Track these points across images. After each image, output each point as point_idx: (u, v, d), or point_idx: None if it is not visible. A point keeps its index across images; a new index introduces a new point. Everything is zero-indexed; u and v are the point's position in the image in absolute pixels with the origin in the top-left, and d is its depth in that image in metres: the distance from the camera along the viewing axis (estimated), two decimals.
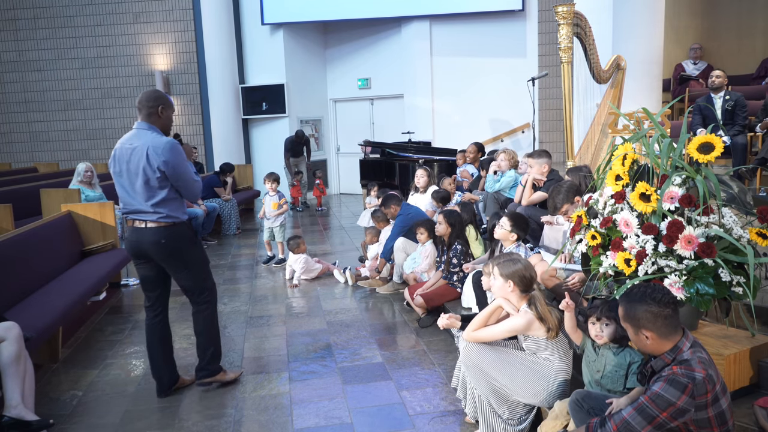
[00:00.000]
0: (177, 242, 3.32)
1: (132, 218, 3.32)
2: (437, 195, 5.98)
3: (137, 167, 3.21)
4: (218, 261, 6.92)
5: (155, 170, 3.19)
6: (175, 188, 3.30)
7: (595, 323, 2.58)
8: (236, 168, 10.14)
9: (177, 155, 3.24)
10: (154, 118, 3.31)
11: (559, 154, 8.94)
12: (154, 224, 3.27)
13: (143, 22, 11.38)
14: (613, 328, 2.53)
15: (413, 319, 4.69)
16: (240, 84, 11.68)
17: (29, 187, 7.49)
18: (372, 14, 11.13)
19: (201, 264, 3.50)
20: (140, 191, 3.24)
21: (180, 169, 3.25)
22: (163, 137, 3.28)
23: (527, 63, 10.53)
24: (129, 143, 3.27)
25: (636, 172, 2.71)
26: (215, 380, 3.59)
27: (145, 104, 3.30)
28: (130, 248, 3.38)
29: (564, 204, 4.00)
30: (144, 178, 3.20)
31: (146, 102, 3.30)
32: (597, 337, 2.58)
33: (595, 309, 2.58)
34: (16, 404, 2.92)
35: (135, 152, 3.22)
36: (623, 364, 2.51)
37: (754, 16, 9.32)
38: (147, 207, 3.25)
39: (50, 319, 3.78)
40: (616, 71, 6.91)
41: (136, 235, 3.31)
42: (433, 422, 3.10)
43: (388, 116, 11.93)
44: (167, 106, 3.35)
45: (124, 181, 3.28)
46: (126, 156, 3.24)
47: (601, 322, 2.55)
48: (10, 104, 11.69)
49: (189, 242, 3.39)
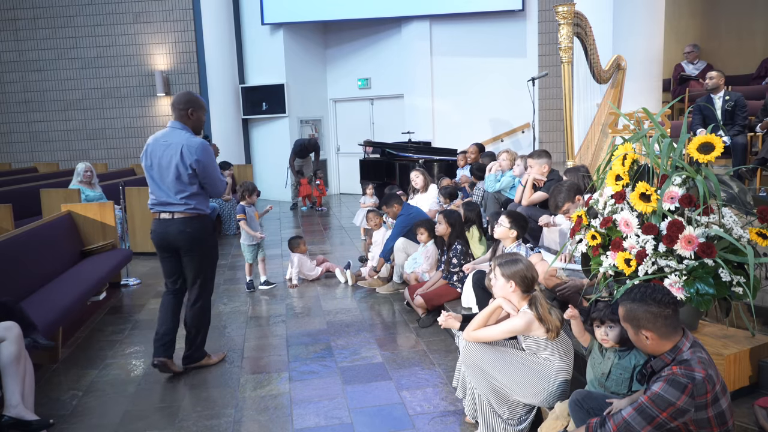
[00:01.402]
0: (200, 232, 3.61)
1: (159, 210, 3.58)
2: (445, 191, 6.03)
3: (169, 162, 3.48)
4: (218, 261, 6.91)
5: (188, 167, 3.47)
6: (202, 185, 3.58)
7: (599, 326, 2.57)
8: (236, 168, 10.16)
9: (208, 156, 3.54)
10: (185, 119, 3.59)
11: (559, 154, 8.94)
12: (181, 215, 3.56)
13: (143, 22, 11.38)
14: (618, 330, 2.52)
15: (413, 319, 4.69)
16: (240, 84, 11.68)
17: (29, 187, 7.49)
18: (372, 14, 11.12)
19: (209, 260, 3.78)
20: (171, 185, 3.51)
21: (210, 169, 3.55)
22: (196, 138, 3.57)
23: (527, 63, 10.52)
24: (164, 139, 3.54)
25: (636, 172, 2.71)
26: (200, 365, 3.87)
27: (176, 106, 3.59)
28: (156, 240, 3.64)
29: (565, 203, 4.00)
30: (176, 173, 3.48)
31: (177, 104, 3.59)
32: (603, 341, 2.58)
33: (599, 312, 2.58)
34: (16, 404, 2.92)
35: (169, 148, 3.49)
36: (628, 367, 2.50)
37: (754, 16, 9.31)
38: (176, 199, 3.53)
39: (50, 319, 3.78)
40: (616, 71, 6.91)
41: (163, 227, 3.58)
42: (433, 422, 3.10)
43: (388, 116, 11.93)
44: (196, 108, 3.62)
45: (155, 174, 3.55)
46: (159, 151, 3.51)
47: (606, 325, 2.55)
48: (10, 104, 11.68)
49: (209, 235, 3.72)
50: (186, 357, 3.85)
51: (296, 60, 11.65)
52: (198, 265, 3.69)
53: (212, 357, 3.96)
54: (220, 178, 3.65)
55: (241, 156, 11.72)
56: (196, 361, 3.86)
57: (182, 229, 3.55)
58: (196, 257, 3.66)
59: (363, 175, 9.84)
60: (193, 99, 3.63)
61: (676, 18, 9.45)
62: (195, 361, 3.86)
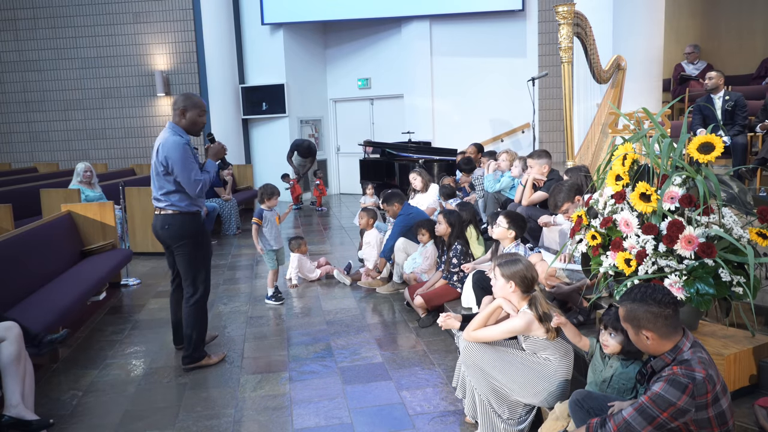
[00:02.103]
0: (180, 229, 3.72)
1: (154, 205, 3.80)
2: (443, 191, 6.06)
3: (153, 161, 3.70)
4: (218, 261, 6.92)
5: (160, 164, 3.62)
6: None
7: (603, 331, 2.57)
8: (236, 168, 10.16)
9: (178, 153, 3.59)
10: (179, 119, 3.71)
11: (559, 154, 8.94)
12: (163, 211, 3.73)
13: (143, 22, 11.37)
14: (620, 339, 2.50)
15: (413, 319, 4.69)
16: (240, 84, 11.67)
17: (29, 187, 7.48)
18: (372, 14, 11.12)
19: (198, 259, 3.82)
20: (154, 182, 3.73)
21: (178, 167, 3.59)
22: (174, 136, 3.64)
23: (527, 63, 10.52)
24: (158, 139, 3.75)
25: (636, 172, 2.71)
26: (199, 365, 3.90)
27: (173, 106, 3.75)
28: (153, 233, 3.88)
29: (565, 203, 4.00)
30: (155, 170, 3.68)
31: (174, 104, 3.75)
32: (603, 346, 2.58)
33: (607, 316, 2.57)
34: (16, 404, 2.92)
35: (155, 147, 3.69)
36: (631, 376, 2.49)
37: (754, 16, 9.31)
38: (158, 195, 3.71)
39: (50, 319, 3.78)
40: (616, 71, 6.91)
41: (154, 222, 3.82)
42: (433, 422, 3.10)
43: (388, 116, 11.93)
44: (189, 107, 3.70)
45: (151, 172, 3.78)
46: (153, 151, 3.74)
47: (608, 330, 2.55)
48: (10, 104, 11.68)
49: (191, 233, 3.76)
50: (185, 357, 3.89)
51: (296, 60, 11.65)
52: (186, 262, 3.78)
53: (212, 357, 3.97)
54: (194, 178, 3.63)
55: (241, 156, 11.71)
56: (196, 361, 3.89)
57: (163, 225, 3.73)
58: (183, 254, 3.77)
59: (363, 175, 9.84)
60: (187, 99, 3.71)
61: (676, 18, 9.45)
62: (195, 361, 3.89)
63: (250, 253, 7.33)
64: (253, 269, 6.53)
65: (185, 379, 3.75)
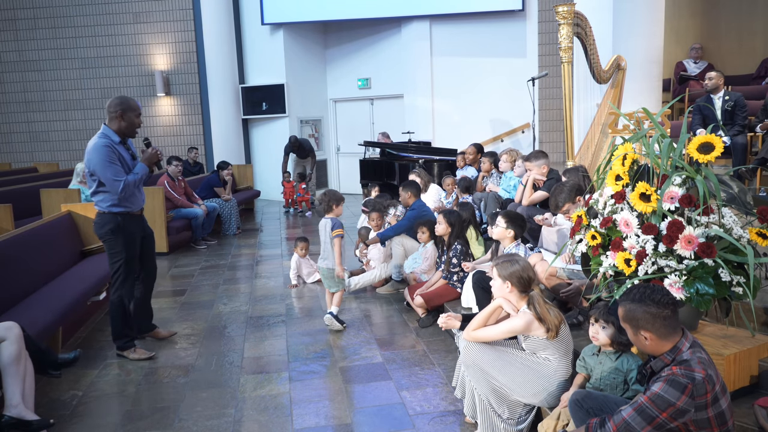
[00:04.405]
0: (99, 228, 3.94)
1: None
2: (462, 184, 6.13)
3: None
4: (218, 261, 6.92)
5: (86, 166, 3.83)
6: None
7: (593, 324, 2.59)
8: (236, 168, 10.14)
9: (98, 155, 3.76)
10: (117, 122, 3.86)
11: (559, 154, 8.94)
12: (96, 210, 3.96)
13: (143, 22, 11.37)
14: (611, 332, 2.55)
15: (413, 319, 4.69)
16: (240, 84, 11.68)
17: (29, 187, 7.49)
18: (372, 14, 11.12)
19: (115, 254, 3.96)
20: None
21: (99, 168, 3.77)
22: (99, 139, 3.81)
23: (527, 63, 10.52)
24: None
25: (636, 172, 2.71)
26: (122, 355, 4.08)
27: (108, 109, 3.87)
28: None
29: (566, 203, 4.00)
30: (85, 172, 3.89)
31: (108, 107, 3.87)
32: (593, 338, 2.60)
33: (596, 310, 2.60)
34: (16, 404, 2.92)
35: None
36: (621, 370, 2.51)
37: (754, 16, 9.31)
38: (88, 195, 3.97)
39: (50, 319, 3.78)
40: (616, 71, 6.91)
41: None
42: (433, 422, 3.11)
43: (388, 116, 11.93)
44: (127, 110, 3.85)
45: None
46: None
47: (599, 323, 2.57)
48: (10, 104, 11.68)
49: (110, 231, 3.92)
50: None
51: (296, 60, 11.65)
52: (108, 258, 3.99)
53: (137, 352, 4.09)
54: (113, 178, 3.78)
55: (241, 156, 11.72)
56: (120, 350, 4.09)
57: (94, 222, 4.01)
58: (106, 250, 4.00)
59: (363, 175, 9.83)
60: (124, 102, 3.87)
61: (676, 18, 9.45)
62: (119, 349, 4.10)
63: (250, 253, 7.33)
64: (252, 269, 6.53)
65: (185, 379, 3.75)
